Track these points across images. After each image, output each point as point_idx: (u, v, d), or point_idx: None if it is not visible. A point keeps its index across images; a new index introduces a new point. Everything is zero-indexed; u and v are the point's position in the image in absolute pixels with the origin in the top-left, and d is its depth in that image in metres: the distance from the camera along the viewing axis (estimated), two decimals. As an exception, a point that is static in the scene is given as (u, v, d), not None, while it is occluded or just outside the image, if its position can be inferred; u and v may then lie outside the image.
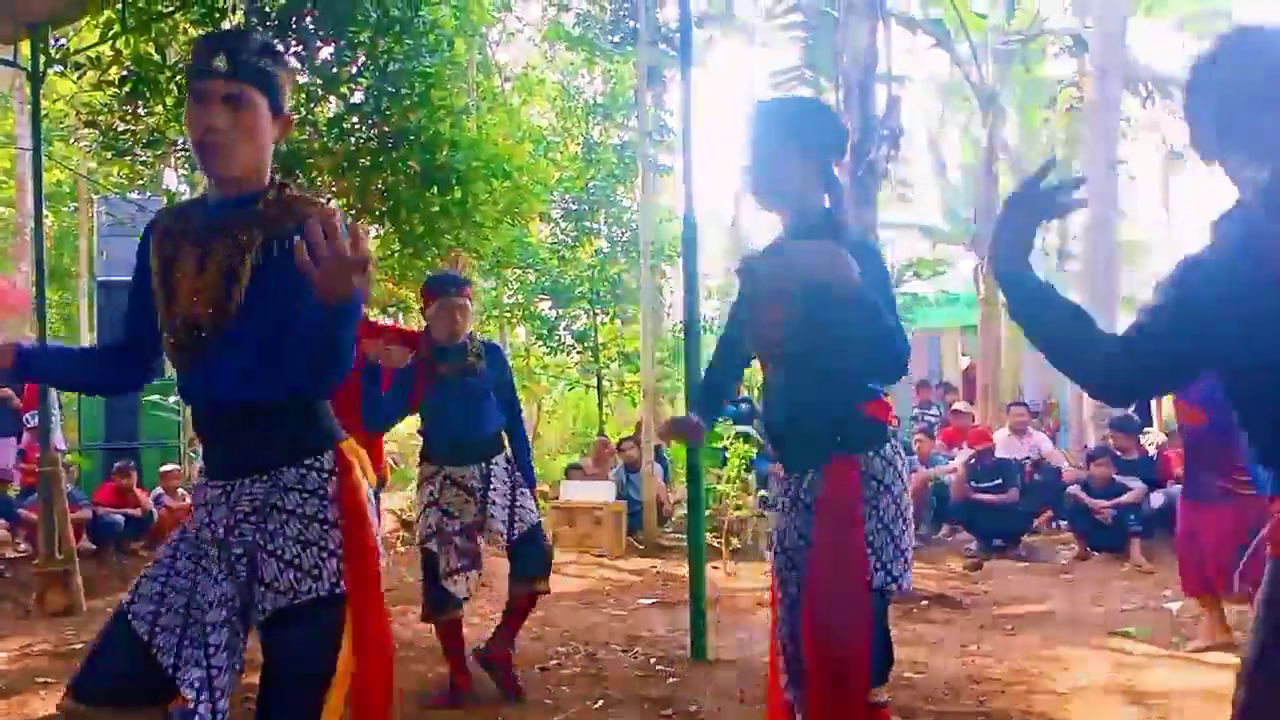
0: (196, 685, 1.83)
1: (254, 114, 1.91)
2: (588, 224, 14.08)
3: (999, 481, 8.44)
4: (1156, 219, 23.52)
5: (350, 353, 1.89)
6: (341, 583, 1.91)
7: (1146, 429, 8.85)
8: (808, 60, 14.23)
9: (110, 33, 5.99)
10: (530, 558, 4.11)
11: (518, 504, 4.09)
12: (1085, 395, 10.92)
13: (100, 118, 6.35)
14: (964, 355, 15.00)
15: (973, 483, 8.52)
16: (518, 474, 4.13)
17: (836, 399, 2.27)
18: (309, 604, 1.89)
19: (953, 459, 9.41)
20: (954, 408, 10.98)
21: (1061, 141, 16.41)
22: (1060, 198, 1.72)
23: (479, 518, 4.03)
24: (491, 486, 4.04)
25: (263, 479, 1.93)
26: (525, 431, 4.30)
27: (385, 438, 4.77)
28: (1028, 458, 9.09)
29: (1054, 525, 8.77)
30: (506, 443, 4.15)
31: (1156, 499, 7.72)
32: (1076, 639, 5.24)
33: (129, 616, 1.89)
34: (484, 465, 4.04)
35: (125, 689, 1.86)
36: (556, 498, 9.43)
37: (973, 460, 8.68)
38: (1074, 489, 7.99)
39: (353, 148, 6.08)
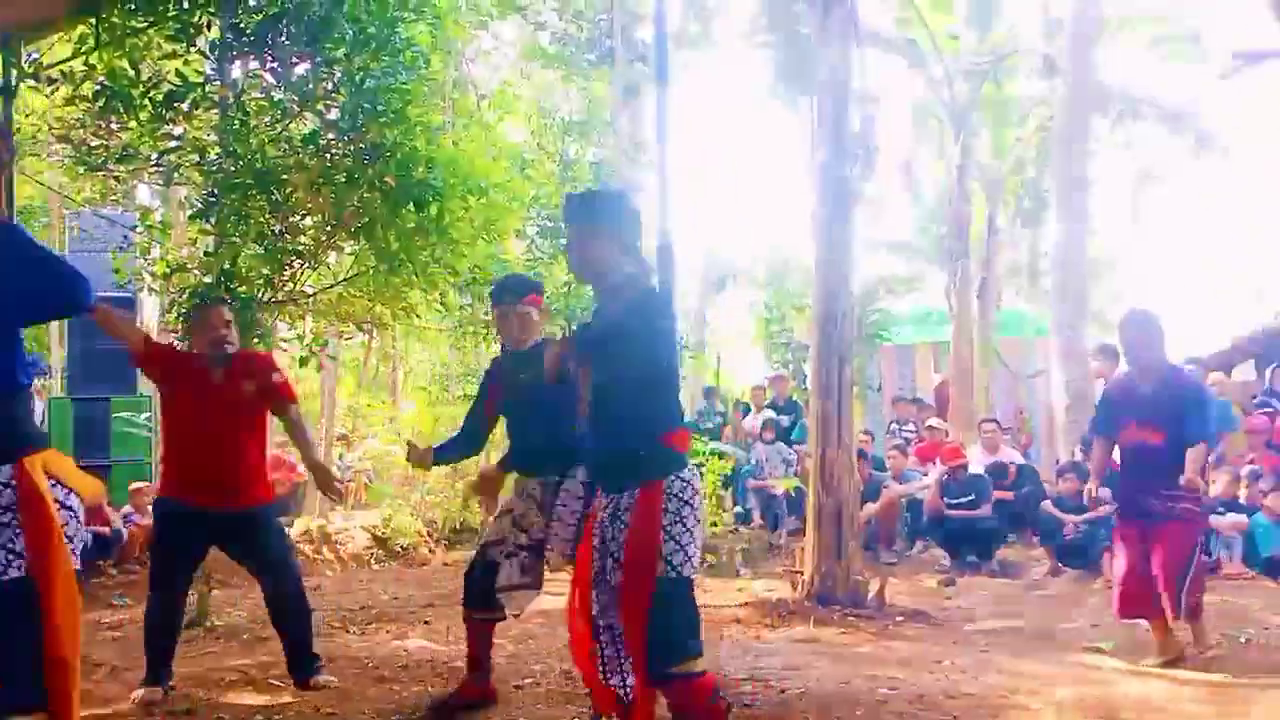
0: None
1: None
2: (563, 241, 14.07)
3: (972, 497, 8.50)
4: (1126, 235, 23.81)
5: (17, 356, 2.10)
6: (11, 569, 2.13)
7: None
8: (782, 79, 14.36)
9: (83, 48, 5.95)
10: None
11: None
12: (1058, 411, 11.04)
13: (73, 133, 6.31)
14: (936, 372, 15.11)
15: (946, 499, 8.59)
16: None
17: (638, 434, 2.86)
18: None
19: (926, 475, 9.48)
20: (928, 424, 11.05)
21: (1032, 160, 16.61)
22: None
23: (542, 535, 3.85)
24: (560, 501, 3.83)
25: None
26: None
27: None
28: (998, 461, 9.16)
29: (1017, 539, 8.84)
30: None
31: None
32: (1049, 654, 5.29)
33: None
34: (557, 478, 3.86)
35: None
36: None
37: (946, 476, 8.74)
38: (1046, 504, 8.07)
39: (328, 164, 6.05)
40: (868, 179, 7.95)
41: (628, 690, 2.90)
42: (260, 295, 6.00)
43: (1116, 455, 5.26)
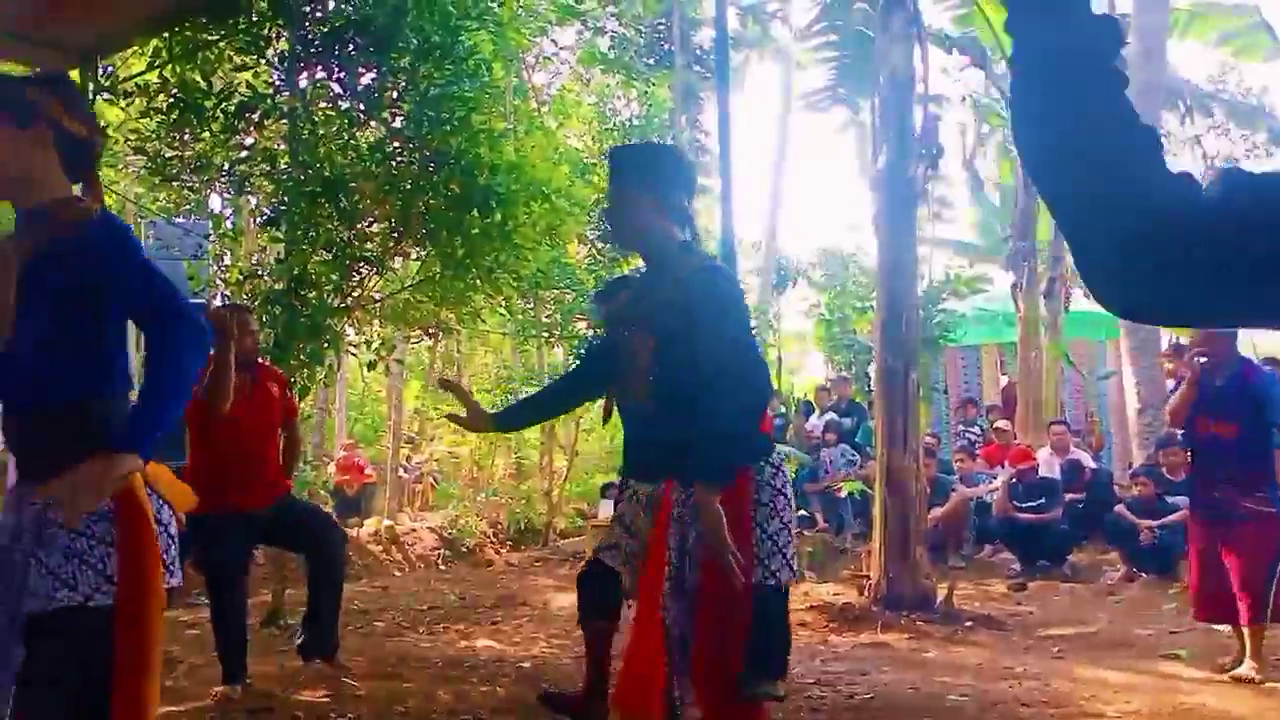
0: None
1: None
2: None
3: (1042, 500, 8.35)
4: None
5: (179, 303, 2.01)
6: (99, 596, 1.93)
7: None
8: (842, 80, 14.24)
9: (157, 61, 6.11)
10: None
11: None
12: (1129, 413, 10.79)
13: (148, 144, 6.47)
14: (1002, 374, 14.85)
15: (1015, 502, 8.44)
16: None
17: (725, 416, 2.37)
18: (60, 613, 1.90)
19: (994, 478, 9.33)
20: (995, 425, 10.88)
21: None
22: None
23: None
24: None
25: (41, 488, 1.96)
26: None
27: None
28: (1073, 460, 9.00)
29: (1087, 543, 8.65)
30: None
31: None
32: (1124, 662, 5.17)
33: None
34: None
35: None
36: (594, 516, 9.44)
37: (1014, 479, 8.59)
38: (1119, 509, 7.89)
39: (394, 171, 6.15)
40: (931, 179, 7.85)
41: (680, 709, 2.52)
42: (329, 301, 6.11)
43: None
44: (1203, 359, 4.76)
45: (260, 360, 4.80)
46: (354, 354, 7.06)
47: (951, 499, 9.03)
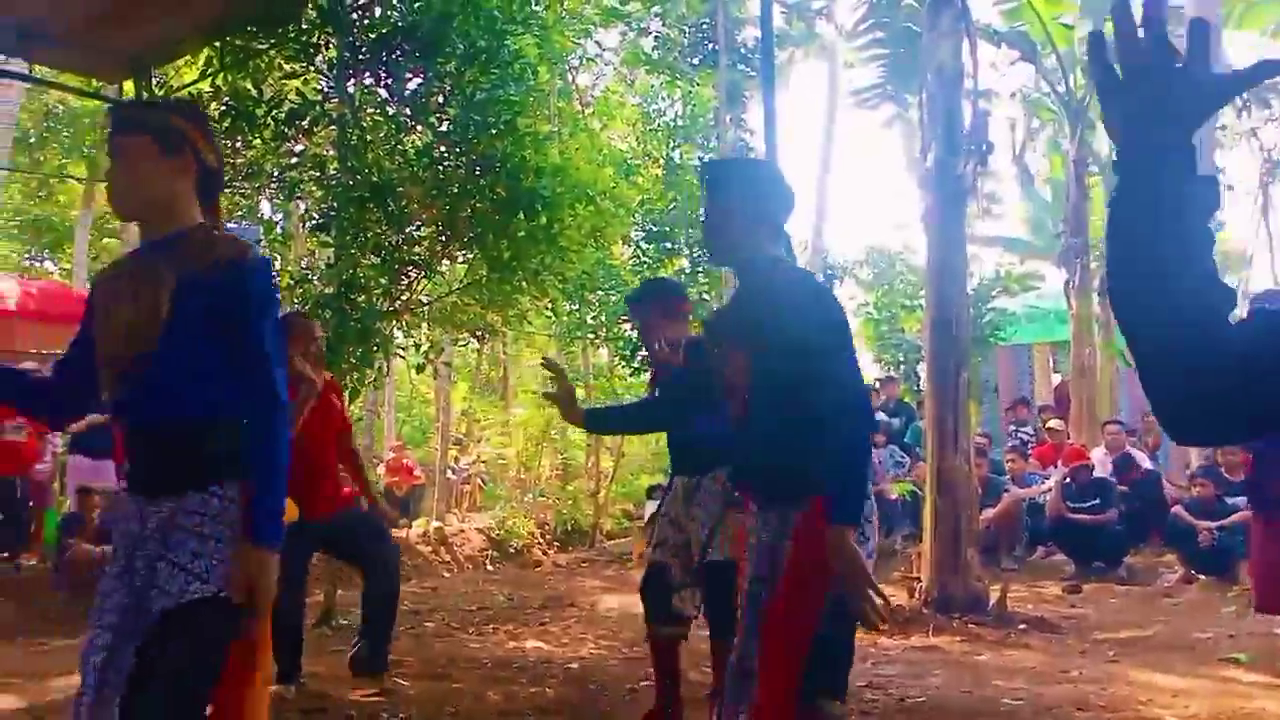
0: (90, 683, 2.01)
1: (130, 158, 2.12)
2: (669, 245, 14.12)
3: (1097, 501, 8.21)
4: (1255, 227, 22.67)
5: (282, 390, 2.10)
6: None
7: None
8: (891, 78, 14.11)
9: (209, 70, 6.23)
10: (711, 607, 3.61)
11: (720, 527, 3.53)
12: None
13: (201, 152, 6.59)
14: (1055, 372, 14.64)
15: (1069, 502, 8.31)
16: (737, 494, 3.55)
17: (811, 439, 2.28)
18: (194, 604, 1.99)
19: (1047, 478, 9.19)
20: (1047, 425, 10.71)
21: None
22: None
23: (689, 535, 3.71)
24: (696, 501, 3.69)
25: (170, 500, 2.05)
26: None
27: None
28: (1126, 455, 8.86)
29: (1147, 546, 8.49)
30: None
31: (1265, 520, 7.43)
32: (1182, 666, 5.06)
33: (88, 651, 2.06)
34: (696, 478, 3.72)
35: None
36: (640, 517, 9.44)
37: (1068, 480, 8.46)
38: (1178, 510, 7.73)
39: (441, 176, 6.21)
40: (980, 175, 7.75)
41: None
42: (378, 304, 6.17)
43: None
44: None
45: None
46: (402, 356, 7.12)
47: (1004, 500, 8.90)
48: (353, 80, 6.39)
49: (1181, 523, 7.55)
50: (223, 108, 6.13)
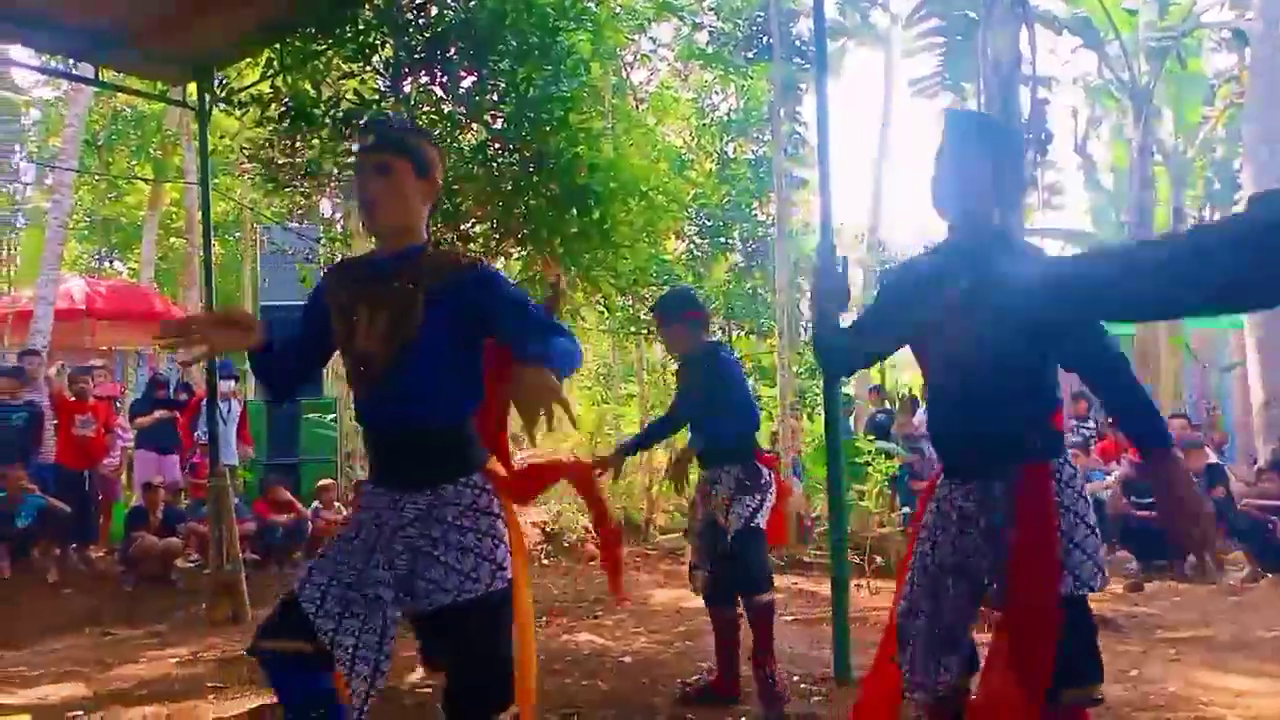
0: (349, 653, 2.16)
1: (397, 177, 2.29)
2: (723, 239, 14.09)
3: (1160, 498, 8.04)
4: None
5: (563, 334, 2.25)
6: (498, 580, 2.22)
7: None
8: (949, 66, 13.94)
9: (269, 71, 6.34)
10: (734, 573, 4.06)
11: (732, 510, 4.02)
12: (1254, 406, 10.33)
13: (262, 152, 6.71)
14: (1119, 366, 14.35)
15: (1132, 499, 8.15)
16: (747, 481, 4.06)
17: (1028, 406, 2.31)
18: (470, 602, 2.19)
19: (1109, 475, 9.02)
20: (1110, 420, 10.51)
21: (1221, 140, 15.58)
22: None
23: (705, 522, 4.18)
24: (714, 492, 4.13)
25: (426, 493, 2.25)
26: (748, 439, 4.21)
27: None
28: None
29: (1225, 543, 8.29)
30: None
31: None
32: (1246, 665, 4.95)
33: (299, 600, 2.18)
34: (715, 470, 4.16)
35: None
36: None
37: (1131, 475, 8.30)
38: (1246, 503, 7.55)
39: (495, 173, 6.25)
40: (1041, 165, 7.62)
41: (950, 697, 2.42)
42: (434, 301, 6.22)
43: None
44: None
45: None
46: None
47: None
48: (408, 79, 6.46)
49: (1249, 518, 7.37)
50: (283, 108, 6.24)
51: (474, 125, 6.47)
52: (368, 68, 6.35)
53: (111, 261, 22.19)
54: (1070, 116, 17.77)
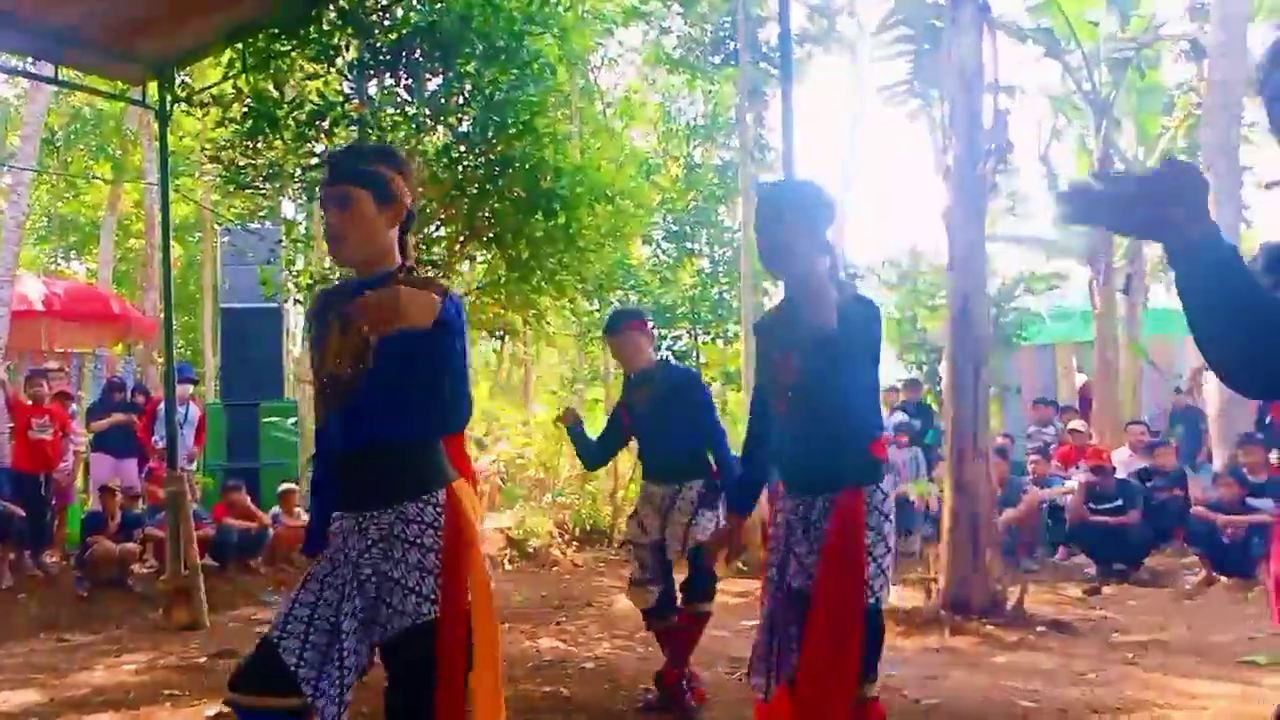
0: (330, 694, 2.14)
1: (358, 208, 2.28)
2: (689, 244, 14.13)
3: (1119, 503, 8.15)
4: (1285, 228, 22.40)
5: (467, 405, 2.34)
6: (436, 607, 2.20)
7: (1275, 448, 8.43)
8: (916, 74, 14.04)
9: (231, 72, 6.29)
10: (693, 581, 4.16)
11: (694, 523, 4.11)
12: (1210, 414, 10.49)
13: (223, 153, 6.65)
14: (1079, 373, 14.52)
15: (1091, 504, 8.25)
16: (708, 495, 4.16)
17: (845, 438, 2.65)
18: (427, 625, 2.19)
19: (1069, 480, 9.12)
20: (1070, 427, 10.63)
21: (1181, 150, 15.81)
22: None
23: (660, 536, 4.19)
24: (676, 506, 4.16)
25: (388, 511, 2.24)
26: (727, 453, 4.23)
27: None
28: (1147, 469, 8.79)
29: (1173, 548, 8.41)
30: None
31: (1289, 522, 7.35)
32: (1201, 668, 5.02)
33: (278, 649, 2.14)
34: (675, 486, 4.18)
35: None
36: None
37: (1091, 481, 8.40)
38: (1201, 509, 7.66)
39: (460, 176, 6.23)
40: (1003, 173, 7.70)
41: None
42: (397, 304, 6.19)
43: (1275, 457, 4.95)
44: None
45: None
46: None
47: (1024, 501, 8.86)
48: (373, 81, 6.44)
49: (1204, 522, 7.48)
50: (245, 109, 6.19)
51: (439, 128, 6.45)
52: (331, 69, 6.31)
53: (69, 262, 21.87)
54: (1035, 126, 17.95)
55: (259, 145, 6.45)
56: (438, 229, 6.57)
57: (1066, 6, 12.16)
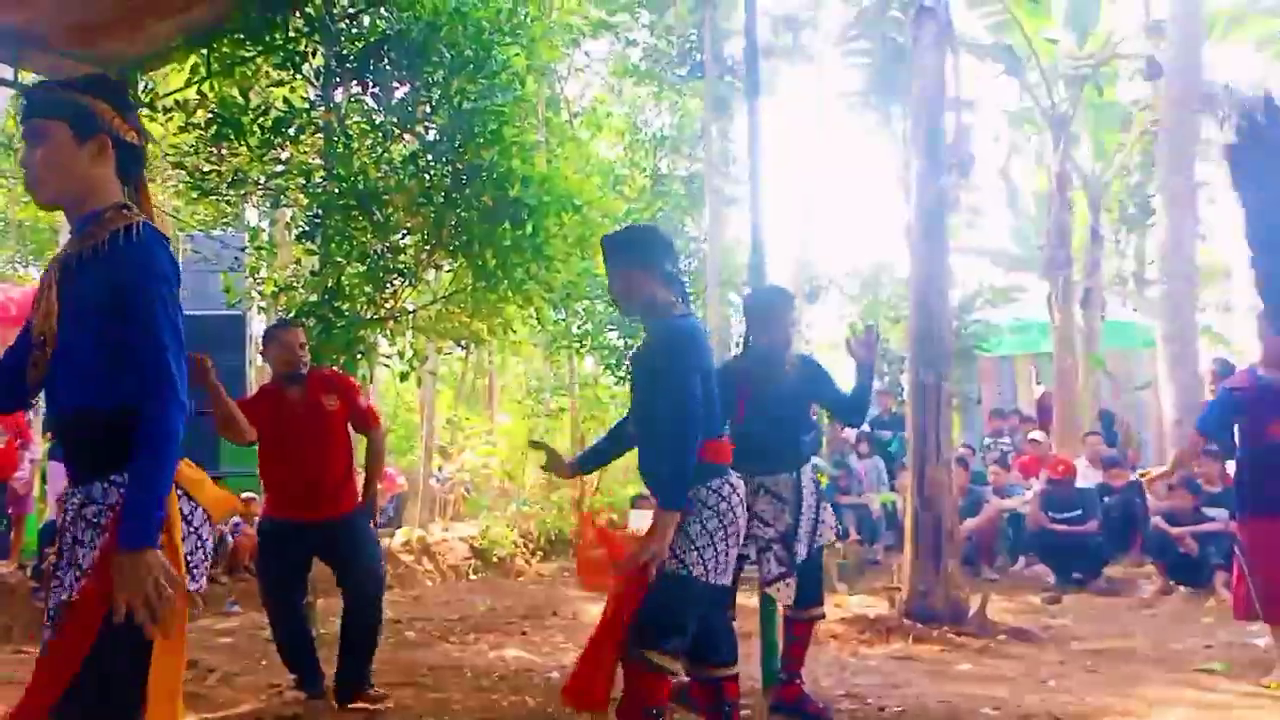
0: None
1: (53, 143, 2.04)
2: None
3: (1078, 512, 8.27)
4: (1237, 241, 22.84)
5: (177, 376, 1.99)
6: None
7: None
8: (875, 88, 14.20)
9: (195, 77, 6.23)
10: (806, 584, 4.16)
11: (820, 519, 4.25)
12: (1166, 424, 10.67)
13: (186, 159, 6.58)
14: (1037, 384, 14.71)
15: (1050, 513, 8.36)
16: (821, 487, 4.27)
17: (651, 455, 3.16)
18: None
19: (1029, 489, 9.25)
20: (1029, 437, 10.77)
21: (1136, 165, 16.09)
22: None
23: (785, 527, 4.13)
24: (802, 497, 4.17)
25: (82, 488, 2.04)
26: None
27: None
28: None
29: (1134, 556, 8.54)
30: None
31: (1243, 531, 7.49)
32: (1159, 675, 5.11)
33: None
34: (794, 474, 4.19)
35: None
36: (624, 527, 9.44)
37: (1049, 490, 8.51)
38: (1157, 520, 7.79)
39: (427, 184, 6.21)
40: (964, 188, 7.81)
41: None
42: (363, 312, 6.17)
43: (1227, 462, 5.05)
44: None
45: (324, 371, 4.83)
46: (387, 365, 7.12)
47: (984, 511, 8.96)
48: (339, 88, 6.40)
49: (1161, 533, 7.60)
50: (209, 115, 6.13)
51: (406, 136, 6.43)
52: (297, 76, 6.27)
53: (27, 267, 21.49)
54: (994, 141, 18.19)
55: (223, 152, 6.38)
56: (404, 237, 6.53)
57: (1026, 24, 12.35)
